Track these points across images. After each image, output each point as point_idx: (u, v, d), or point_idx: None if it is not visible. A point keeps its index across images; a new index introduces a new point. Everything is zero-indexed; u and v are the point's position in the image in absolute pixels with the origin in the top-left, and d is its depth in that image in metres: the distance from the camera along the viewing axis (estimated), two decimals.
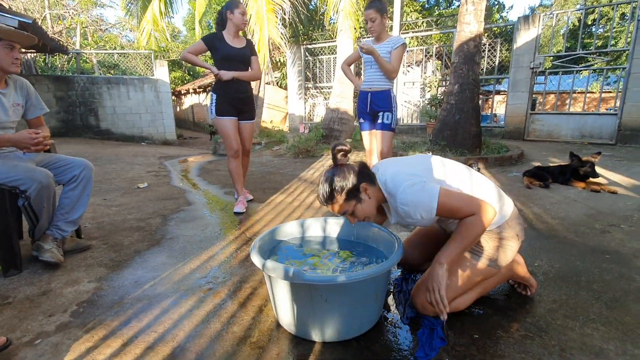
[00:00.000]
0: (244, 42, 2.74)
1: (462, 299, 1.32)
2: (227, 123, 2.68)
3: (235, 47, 2.65)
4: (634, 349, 1.17)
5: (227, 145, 2.74)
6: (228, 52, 2.62)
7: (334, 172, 1.29)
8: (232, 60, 2.63)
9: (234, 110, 2.71)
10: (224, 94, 2.65)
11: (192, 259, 1.90)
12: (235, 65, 2.64)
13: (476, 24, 4.43)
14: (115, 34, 16.80)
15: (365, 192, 1.27)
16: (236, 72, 2.61)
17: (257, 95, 8.17)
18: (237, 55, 2.65)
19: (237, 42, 2.68)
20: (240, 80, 2.67)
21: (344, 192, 1.25)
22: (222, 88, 2.64)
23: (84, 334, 1.29)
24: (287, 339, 1.24)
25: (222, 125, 2.69)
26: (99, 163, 5.03)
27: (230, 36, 2.66)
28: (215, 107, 2.67)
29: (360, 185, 1.26)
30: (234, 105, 2.70)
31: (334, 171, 1.29)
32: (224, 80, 2.58)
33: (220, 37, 2.64)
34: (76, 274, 1.75)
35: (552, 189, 3.30)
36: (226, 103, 2.66)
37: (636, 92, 5.98)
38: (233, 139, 2.71)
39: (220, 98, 2.65)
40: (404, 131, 8.68)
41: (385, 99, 2.69)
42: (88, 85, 8.31)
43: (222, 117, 2.67)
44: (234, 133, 2.71)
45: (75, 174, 1.95)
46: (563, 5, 16.62)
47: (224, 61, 2.62)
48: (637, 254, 1.90)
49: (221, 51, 2.61)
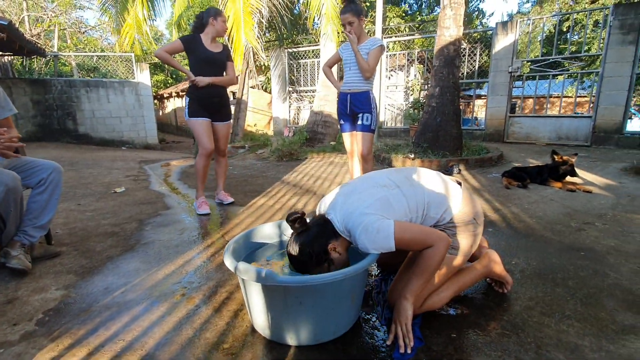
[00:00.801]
0: (221, 47, 2.77)
1: (438, 297, 1.31)
2: (200, 124, 2.70)
3: (212, 52, 2.68)
4: (608, 345, 1.18)
5: (200, 144, 2.74)
6: (205, 56, 2.64)
7: (300, 243, 1.23)
8: (208, 64, 2.66)
9: (207, 112, 2.74)
10: (198, 97, 2.68)
11: (167, 264, 1.84)
12: (210, 69, 2.66)
13: (455, 29, 4.51)
14: (96, 37, 16.45)
15: (334, 250, 1.24)
16: (212, 78, 2.65)
17: (240, 98, 8.10)
18: (214, 60, 2.68)
19: (214, 47, 2.70)
20: (215, 85, 2.70)
21: (314, 260, 1.22)
22: (196, 92, 2.66)
23: (49, 343, 1.22)
24: (261, 344, 1.20)
25: (194, 125, 2.72)
26: (75, 167, 4.86)
27: (208, 41, 2.68)
28: (188, 109, 2.70)
29: (327, 248, 1.23)
30: (207, 108, 2.73)
31: (298, 244, 1.24)
32: (200, 86, 2.61)
33: (199, 40, 2.66)
34: (44, 281, 1.67)
35: (530, 189, 3.37)
36: (199, 106, 2.69)
37: (609, 95, 6.21)
38: (206, 138, 2.72)
39: (193, 101, 2.69)
40: (388, 134, 8.76)
41: (365, 100, 2.69)
42: (66, 88, 8.07)
43: (195, 119, 2.70)
44: (206, 133, 2.72)
45: (43, 176, 1.87)
46: (540, 12, 17.20)
47: (200, 64, 2.65)
48: (611, 251, 1.94)
49: (198, 54, 2.63)
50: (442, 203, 1.30)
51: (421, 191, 1.29)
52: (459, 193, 1.35)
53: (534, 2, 19.94)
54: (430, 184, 1.34)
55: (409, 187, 1.29)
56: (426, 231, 1.20)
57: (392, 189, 1.28)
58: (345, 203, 1.27)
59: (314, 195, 3.31)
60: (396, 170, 1.43)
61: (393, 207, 1.22)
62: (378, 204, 1.22)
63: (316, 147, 6.66)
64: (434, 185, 1.33)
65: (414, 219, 1.26)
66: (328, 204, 1.35)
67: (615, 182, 3.57)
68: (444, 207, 1.30)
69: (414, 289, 1.21)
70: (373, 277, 1.67)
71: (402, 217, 1.23)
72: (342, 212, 1.25)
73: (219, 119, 2.83)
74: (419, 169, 1.42)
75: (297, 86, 9.97)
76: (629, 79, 6.02)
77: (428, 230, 1.21)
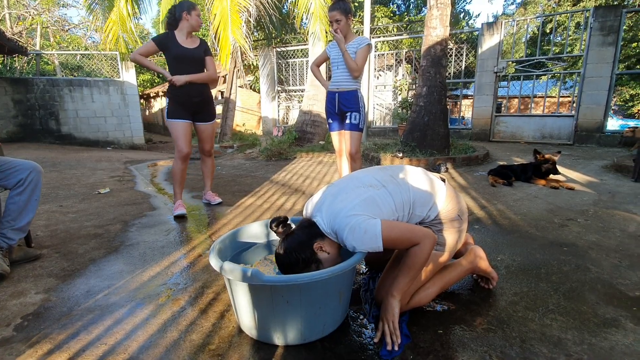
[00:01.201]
0: (197, 41, 2.65)
1: (425, 293, 1.32)
2: (178, 126, 2.61)
3: (188, 48, 2.57)
4: (591, 338, 1.21)
5: (176, 147, 2.65)
6: (180, 53, 2.54)
7: (285, 248, 1.22)
8: (184, 61, 2.56)
9: (188, 113, 2.64)
10: (177, 97, 2.58)
11: (152, 266, 1.81)
12: (188, 67, 2.57)
13: (442, 29, 4.56)
14: (80, 35, 16.06)
15: (321, 249, 1.23)
16: (190, 76, 2.55)
17: (229, 98, 8.03)
18: (190, 56, 2.58)
19: (189, 43, 2.60)
20: (195, 83, 2.59)
21: (301, 262, 1.21)
22: (176, 91, 2.57)
23: (27, 348, 1.18)
24: (248, 345, 1.19)
25: (172, 127, 2.62)
26: (58, 168, 4.74)
27: (183, 36, 2.58)
28: (168, 109, 2.61)
29: (313, 249, 1.22)
30: (187, 109, 2.63)
31: (284, 249, 1.23)
32: (177, 85, 2.52)
33: (172, 37, 2.55)
34: (23, 285, 1.62)
35: (515, 187, 3.43)
36: (179, 106, 2.60)
37: (590, 95, 6.37)
38: (183, 141, 2.62)
39: (172, 101, 2.59)
40: (377, 133, 8.81)
41: (353, 99, 2.69)
42: (48, 87, 7.86)
43: (173, 120, 2.60)
44: (184, 136, 2.63)
45: (22, 177, 1.81)
46: (524, 14, 17.56)
47: (176, 62, 2.55)
48: (592, 246, 1.99)
49: (173, 52, 2.53)
50: (427, 201, 1.31)
51: (407, 189, 1.29)
52: (443, 190, 1.36)
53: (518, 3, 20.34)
54: (416, 181, 1.34)
55: (395, 186, 1.29)
56: (413, 229, 1.20)
57: (378, 188, 1.27)
58: (332, 204, 1.25)
59: (303, 195, 3.30)
60: (381, 168, 1.43)
61: (379, 206, 1.22)
62: (364, 204, 1.20)
63: (305, 146, 6.64)
64: (419, 182, 1.34)
65: (400, 218, 1.26)
66: (314, 206, 1.33)
67: (596, 179, 3.66)
68: (430, 205, 1.31)
69: (401, 287, 1.21)
70: (361, 275, 1.67)
71: (389, 216, 1.23)
72: (328, 214, 1.23)
73: (201, 119, 2.74)
74: (405, 167, 1.42)
75: (286, 85, 9.93)
76: (609, 79, 6.18)
77: (414, 229, 1.21)
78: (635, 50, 13.63)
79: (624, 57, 13.44)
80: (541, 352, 1.13)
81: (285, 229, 1.27)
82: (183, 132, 2.62)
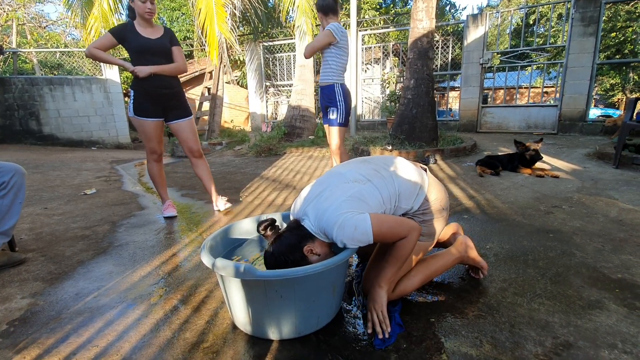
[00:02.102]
0: (161, 31, 2.40)
1: (410, 282, 1.33)
2: (147, 125, 2.41)
3: (149, 39, 2.32)
4: (576, 320, 1.24)
5: (147, 149, 2.49)
6: (141, 44, 2.30)
7: (274, 251, 1.21)
8: (147, 53, 2.32)
9: (157, 109, 2.41)
10: (142, 90, 2.35)
11: (143, 266, 1.78)
12: (151, 59, 2.32)
13: (428, 21, 4.57)
14: (58, 32, 15.56)
15: (311, 252, 1.21)
16: (155, 67, 2.31)
17: (215, 94, 7.92)
18: (154, 47, 2.33)
19: (151, 32, 2.35)
20: (161, 75, 2.35)
21: (290, 264, 1.19)
22: (140, 84, 2.33)
23: (14, 355, 1.16)
24: (243, 340, 1.19)
25: (139, 125, 2.42)
26: (41, 170, 4.61)
27: (142, 26, 2.33)
28: (133, 104, 2.37)
29: (304, 252, 1.20)
30: (155, 104, 2.40)
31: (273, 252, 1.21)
32: (140, 77, 2.28)
33: (131, 27, 2.31)
34: (8, 291, 1.58)
35: (502, 176, 3.49)
36: (145, 101, 2.37)
37: (572, 84, 6.50)
38: (154, 142, 2.46)
39: (137, 95, 2.36)
40: (366, 127, 8.83)
41: (330, 94, 2.69)
42: (27, 86, 7.60)
43: (139, 117, 2.38)
44: (155, 136, 2.46)
45: (5, 180, 1.76)
46: (508, 5, 17.74)
47: (138, 55, 2.31)
48: (577, 232, 2.04)
49: (133, 43, 2.29)
50: (412, 192, 1.31)
51: (392, 182, 1.28)
52: (426, 180, 1.36)
53: None
54: (400, 173, 1.32)
55: (380, 180, 1.27)
56: (401, 222, 1.20)
57: (363, 183, 1.24)
58: (317, 204, 1.22)
59: (294, 190, 3.29)
60: (363, 161, 1.40)
61: (367, 201, 1.20)
62: (350, 201, 1.18)
63: (295, 141, 6.62)
64: (404, 173, 1.32)
65: (387, 211, 1.26)
66: (301, 205, 1.30)
67: (580, 167, 3.75)
68: (414, 196, 1.31)
69: (388, 277, 1.23)
70: (354, 267, 1.68)
71: (377, 209, 1.22)
72: (315, 214, 1.20)
73: (176, 116, 2.49)
74: (387, 158, 1.41)
75: (274, 80, 9.84)
76: (590, 69, 6.32)
77: (403, 222, 1.21)
78: (615, 40, 13.94)
79: (604, 47, 13.75)
80: (529, 336, 1.17)
81: (274, 231, 1.26)
82: (154, 132, 2.44)
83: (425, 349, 1.12)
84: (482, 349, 1.11)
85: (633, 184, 3.00)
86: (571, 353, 1.08)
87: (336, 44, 2.60)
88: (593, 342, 1.13)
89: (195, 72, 12.22)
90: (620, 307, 1.31)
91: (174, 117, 2.50)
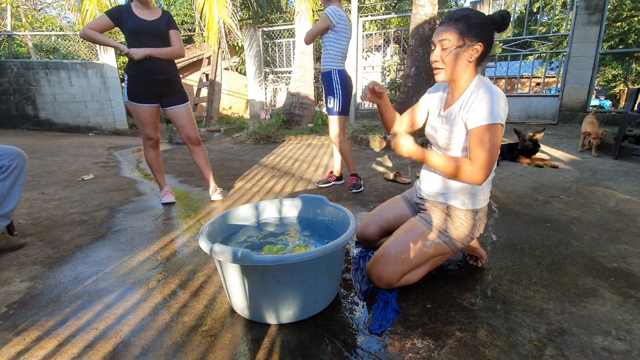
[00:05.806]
0: (158, 13, 2.35)
1: (415, 272, 1.34)
2: (142, 110, 2.37)
3: (146, 20, 2.27)
4: (571, 307, 1.26)
5: (143, 136, 2.46)
6: (137, 26, 2.25)
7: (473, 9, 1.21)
8: (143, 35, 2.26)
9: (152, 94, 2.36)
10: (137, 74, 2.30)
11: (141, 251, 1.79)
12: (148, 41, 2.27)
13: (430, 7, 4.49)
14: (53, 15, 15.25)
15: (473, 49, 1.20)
16: (150, 49, 2.25)
17: (214, 80, 7.82)
18: (150, 30, 2.28)
19: (148, 14, 2.30)
20: (157, 59, 2.29)
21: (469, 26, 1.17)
22: (135, 68, 2.28)
23: (14, 337, 1.17)
24: (241, 324, 1.20)
25: (134, 111, 2.38)
26: (38, 155, 4.58)
27: (139, 8, 2.28)
28: (128, 89, 2.33)
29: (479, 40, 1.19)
30: (150, 89, 2.34)
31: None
32: (135, 59, 2.23)
33: (128, 9, 2.27)
34: (7, 274, 1.58)
35: (501, 166, 3.48)
36: (140, 85, 2.32)
37: (574, 74, 6.44)
38: (150, 128, 2.43)
39: (132, 79, 2.31)
40: (365, 115, 8.77)
41: (328, 81, 2.65)
42: (23, 71, 7.49)
43: (134, 103, 2.34)
44: (150, 122, 2.42)
45: (4, 163, 1.75)
46: None
47: (134, 37, 2.26)
48: (574, 221, 2.05)
49: (129, 25, 2.24)
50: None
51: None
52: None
53: None
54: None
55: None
56: (494, 157, 1.19)
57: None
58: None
59: (292, 177, 3.28)
60: None
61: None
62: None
63: (293, 129, 6.57)
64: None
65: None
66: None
67: (579, 158, 3.75)
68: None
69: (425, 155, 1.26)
70: (352, 254, 1.69)
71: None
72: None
73: (172, 102, 2.43)
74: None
75: (273, 67, 9.71)
76: (593, 58, 6.24)
77: (494, 159, 1.19)
78: (619, 30, 13.76)
79: (608, 37, 13.56)
80: (524, 322, 1.18)
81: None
82: (149, 119, 2.40)
83: (421, 334, 1.13)
84: (478, 335, 1.12)
85: (632, 175, 3.01)
86: (565, 339, 1.10)
87: (333, 28, 2.53)
88: (587, 328, 1.15)
89: (193, 58, 12.04)
90: (615, 295, 1.33)
91: (170, 103, 2.44)
